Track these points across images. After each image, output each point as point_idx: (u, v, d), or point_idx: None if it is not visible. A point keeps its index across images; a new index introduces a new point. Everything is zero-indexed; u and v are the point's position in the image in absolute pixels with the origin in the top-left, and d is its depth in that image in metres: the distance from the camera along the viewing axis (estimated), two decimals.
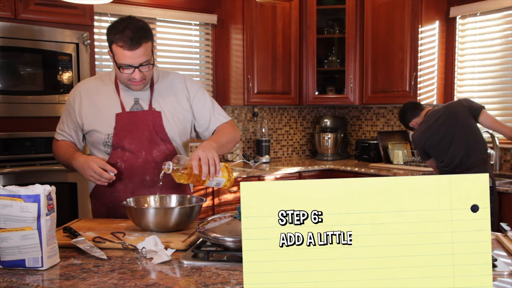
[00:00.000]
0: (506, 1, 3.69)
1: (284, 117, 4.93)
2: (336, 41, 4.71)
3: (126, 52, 1.85)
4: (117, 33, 1.85)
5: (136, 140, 1.99)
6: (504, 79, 3.83)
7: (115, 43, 1.85)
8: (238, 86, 4.31)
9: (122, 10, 3.84)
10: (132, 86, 1.97)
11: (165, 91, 2.09)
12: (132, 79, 1.92)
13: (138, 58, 1.87)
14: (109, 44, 1.90)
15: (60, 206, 1.52)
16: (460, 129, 3.10)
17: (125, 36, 1.83)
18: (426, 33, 3.98)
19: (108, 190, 2.03)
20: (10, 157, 2.92)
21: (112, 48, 1.89)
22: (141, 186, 2.02)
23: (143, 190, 2.02)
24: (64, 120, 2.11)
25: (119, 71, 1.91)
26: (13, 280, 1.28)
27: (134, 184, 2.02)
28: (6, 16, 2.90)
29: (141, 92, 2.04)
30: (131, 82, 1.95)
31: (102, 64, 3.88)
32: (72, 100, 2.08)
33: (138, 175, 2.01)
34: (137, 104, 2.03)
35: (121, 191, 2.02)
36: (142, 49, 1.86)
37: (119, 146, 1.99)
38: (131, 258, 1.45)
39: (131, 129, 1.99)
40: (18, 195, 1.33)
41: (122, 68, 1.90)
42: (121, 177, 2.01)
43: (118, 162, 2.00)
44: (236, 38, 4.31)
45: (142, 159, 2.00)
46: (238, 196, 3.85)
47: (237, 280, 1.25)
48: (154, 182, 2.02)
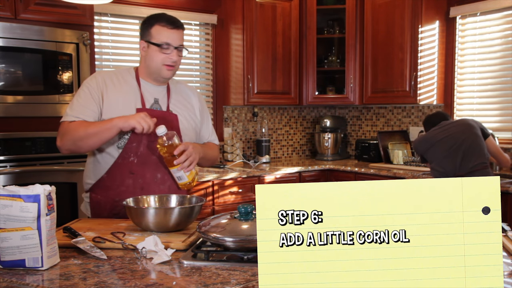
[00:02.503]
0: (506, 1, 3.69)
1: (284, 117, 4.93)
2: (336, 41, 4.71)
3: (169, 30, 2.00)
4: (158, 17, 2.03)
5: (153, 137, 2.00)
6: (504, 79, 3.83)
7: (157, 24, 2.00)
8: (238, 86, 4.31)
9: (122, 10, 3.84)
10: (164, 71, 2.04)
11: (180, 97, 2.18)
12: (168, 61, 2.02)
13: (178, 39, 2.03)
14: (147, 29, 2.01)
15: (60, 206, 1.52)
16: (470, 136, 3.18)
17: (168, 17, 2.03)
18: (426, 33, 3.98)
19: (115, 183, 2.01)
20: (10, 157, 2.92)
21: (151, 31, 2.01)
22: (152, 182, 2.03)
23: (153, 187, 2.03)
24: (83, 103, 2.00)
25: (157, 52, 2.00)
26: (13, 280, 1.28)
27: (145, 180, 2.02)
28: (6, 16, 2.90)
29: (160, 93, 2.10)
30: (165, 66, 2.03)
31: (102, 64, 3.87)
32: (96, 85, 2.02)
33: (151, 172, 2.02)
34: (156, 104, 2.09)
35: (130, 186, 2.01)
36: (181, 33, 2.05)
37: (135, 140, 2.00)
38: (131, 258, 1.45)
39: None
40: (18, 195, 1.33)
41: (162, 48, 2.00)
42: (132, 172, 2.01)
43: (131, 156, 2.00)
44: (236, 38, 4.31)
45: (156, 156, 2.02)
46: (238, 196, 3.85)
47: (237, 280, 1.25)
48: (165, 181, 2.05)
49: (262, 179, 3.98)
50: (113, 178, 2.02)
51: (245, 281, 1.24)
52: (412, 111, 4.45)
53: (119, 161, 2.02)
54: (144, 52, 2.06)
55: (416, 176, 3.59)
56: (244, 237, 1.41)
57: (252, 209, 1.50)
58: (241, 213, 1.50)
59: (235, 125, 4.61)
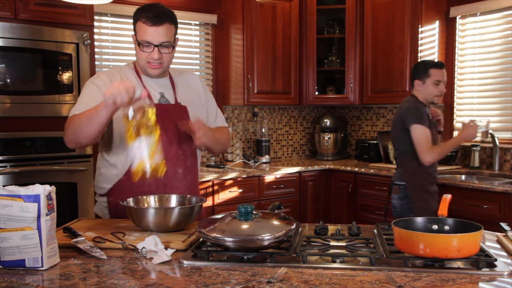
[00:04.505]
0: (506, 1, 3.69)
1: (284, 117, 4.93)
2: (336, 41, 4.71)
3: (148, 28, 1.90)
4: (143, 11, 1.93)
5: (168, 132, 1.97)
6: (504, 79, 3.82)
7: (140, 20, 1.92)
8: (238, 86, 4.31)
9: (122, 10, 3.84)
10: (149, 69, 1.98)
11: (185, 87, 2.13)
12: (150, 59, 1.94)
13: (159, 36, 1.90)
14: (134, 24, 1.94)
15: (60, 206, 1.52)
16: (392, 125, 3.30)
17: (150, 13, 1.90)
18: (426, 33, 3.98)
19: (136, 184, 1.93)
20: (10, 157, 2.92)
21: (136, 27, 1.94)
22: (173, 179, 2.00)
23: (176, 183, 2.00)
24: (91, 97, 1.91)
25: (139, 50, 1.93)
26: (13, 280, 1.28)
27: (167, 177, 1.96)
28: (6, 16, 2.90)
29: (164, 86, 2.05)
30: (149, 65, 1.96)
31: (102, 64, 3.87)
32: (103, 83, 1.95)
33: (172, 168, 1.98)
34: (163, 98, 2.04)
35: (152, 185, 1.96)
36: (164, 28, 1.91)
37: None
38: (131, 258, 1.45)
39: (163, 121, 1.94)
40: (18, 195, 1.33)
41: (142, 46, 1.92)
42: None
43: None
44: (236, 38, 4.31)
45: (174, 152, 1.99)
46: (238, 196, 3.85)
47: (237, 280, 1.25)
48: (186, 175, 2.03)
49: (262, 179, 3.98)
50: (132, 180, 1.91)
51: (245, 281, 1.24)
52: None
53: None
54: (135, 46, 2.00)
55: None
56: (244, 237, 1.41)
57: (252, 209, 1.50)
58: (241, 213, 1.50)
59: (235, 125, 4.61)
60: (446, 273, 1.31)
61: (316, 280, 1.25)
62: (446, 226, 1.50)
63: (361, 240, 1.60)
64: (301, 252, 1.42)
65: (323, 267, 1.36)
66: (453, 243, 1.33)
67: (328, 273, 1.32)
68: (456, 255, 1.33)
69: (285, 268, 1.32)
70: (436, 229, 1.50)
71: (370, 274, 1.30)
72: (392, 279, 1.25)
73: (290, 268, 1.34)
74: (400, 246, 1.41)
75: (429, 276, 1.29)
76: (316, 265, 1.37)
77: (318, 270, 1.34)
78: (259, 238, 1.39)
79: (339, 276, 1.29)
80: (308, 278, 1.27)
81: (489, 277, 1.30)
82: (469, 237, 1.34)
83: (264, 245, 1.40)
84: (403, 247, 1.39)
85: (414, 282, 1.24)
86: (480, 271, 1.32)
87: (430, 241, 1.34)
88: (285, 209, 3.99)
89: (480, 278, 1.29)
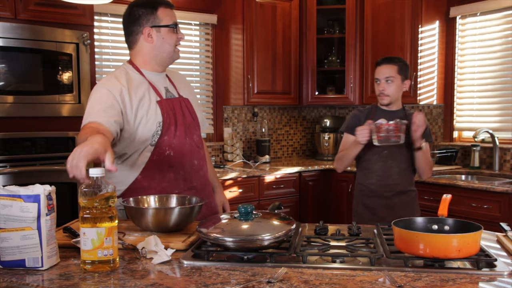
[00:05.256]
0: (506, 1, 3.69)
1: (284, 117, 4.92)
2: (336, 41, 4.71)
3: (172, 11, 2.01)
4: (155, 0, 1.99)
5: (180, 126, 1.99)
6: (504, 79, 3.82)
7: (161, 6, 1.98)
8: (238, 86, 4.31)
9: (122, 10, 3.77)
10: (177, 53, 2.05)
11: (180, 80, 2.18)
12: (179, 40, 2.03)
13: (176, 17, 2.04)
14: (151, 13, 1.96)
15: (60, 206, 1.51)
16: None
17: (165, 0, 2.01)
18: (426, 33, 3.98)
19: (154, 181, 1.93)
20: (10, 157, 2.92)
21: (158, 15, 1.97)
22: (191, 171, 2.03)
23: (193, 175, 2.03)
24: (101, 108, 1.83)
25: (171, 34, 1.99)
26: (13, 280, 1.28)
27: (185, 170, 2.00)
28: (6, 16, 2.90)
29: (164, 81, 2.08)
30: (176, 48, 2.03)
31: (102, 64, 3.87)
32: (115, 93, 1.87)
33: (188, 160, 2.01)
34: (168, 92, 2.06)
35: (172, 179, 1.96)
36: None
37: (167, 133, 1.95)
38: (131, 258, 1.45)
39: (174, 115, 1.99)
40: (18, 195, 1.33)
41: (175, 29, 1.99)
42: (171, 165, 1.96)
43: (166, 150, 1.95)
44: (236, 38, 4.31)
45: (188, 144, 2.02)
46: (238, 196, 3.85)
47: (237, 280, 1.25)
48: (201, 166, 2.07)
49: (262, 179, 3.98)
50: (150, 177, 1.94)
51: (245, 281, 1.24)
52: (412, 111, 4.44)
53: (153, 158, 1.94)
54: (151, 39, 1.96)
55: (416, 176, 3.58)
56: (244, 237, 1.41)
57: (252, 209, 1.50)
58: (241, 213, 1.50)
59: (235, 125, 4.61)
60: (446, 273, 1.31)
61: (316, 280, 1.25)
62: (446, 226, 1.50)
63: (361, 240, 1.60)
64: (301, 252, 1.42)
65: (323, 267, 1.36)
66: (453, 243, 1.33)
67: (328, 273, 1.32)
68: (456, 255, 1.33)
69: (285, 268, 1.32)
70: (436, 229, 1.50)
71: (370, 274, 1.30)
72: (392, 279, 1.25)
73: (290, 268, 1.34)
74: (400, 246, 1.41)
75: (429, 276, 1.29)
76: (316, 265, 1.37)
77: (318, 270, 1.34)
78: (259, 238, 1.39)
79: (339, 276, 1.29)
80: (308, 278, 1.27)
81: (489, 277, 1.30)
82: (469, 237, 1.34)
83: (264, 245, 1.40)
84: (403, 247, 1.39)
85: (414, 282, 1.24)
86: (480, 271, 1.32)
87: (430, 241, 1.34)
88: (285, 209, 3.99)
89: (480, 278, 1.29)
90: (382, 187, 2.68)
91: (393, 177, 2.68)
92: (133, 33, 2.00)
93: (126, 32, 2.04)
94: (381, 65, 2.72)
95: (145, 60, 2.02)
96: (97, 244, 1.31)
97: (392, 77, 2.66)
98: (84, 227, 1.32)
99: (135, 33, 1.99)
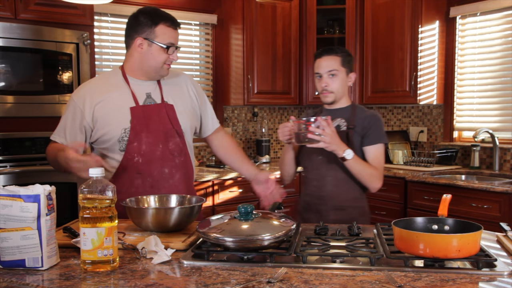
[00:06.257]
0: (506, 1, 3.69)
1: (284, 117, 4.92)
2: (336, 41, 4.70)
3: (174, 31, 2.02)
4: (161, 14, 1.99)
5: (153, 133, 2.00)
6: (504, 79, 3.82)
7: (163, 23, 1.97)
8: (238, 86, 4.31)
9: (122, 10, 3.83)
10: (165, 70, 2.05)
11: (173, 85, 2.15)
12: (171, 61, 2.03)
13: (178, 39, 2.04)
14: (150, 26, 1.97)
15: (60, 206, 1.51)
16: None
17: (170, 16, 2.01)
18: (426, 33, 3.98)
19: (124, 187, 1.98)
20: (10, 157, 2.92)
21: (155, 30, 1.97)
22: (160, 179, 2.02)
23: (163, 183, 2.02)
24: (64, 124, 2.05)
25: (161, 52, 1.98)
26: (13, 280, 1.28)
27: (153, 177, 2.01)
28: (6, 16, 2.90)
29: (150, 86, 2.08)
30: (167, 65, 2.03)
31: (102, 64, 3.87)
32: (78, 102, 2.02)
33: (158, 168, 2.01)
34: (149, 98, 2.06)
35: (139, 186, 2.00)
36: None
37: (136, 140, 1.98)
38: (131, 258, 1.45)
39: (147, 122, 2.00)
40: (18, 195, 1.33)
41: (168, 49, 1.99)
42: (139, 172, 1.99)
43: (135, 156, 1.99)
44: (236, 38, 4.31)
45: (160, 151, 2.01)
46: (238, 196, 3.85)
47: (237, 280, 1.25)
48: (172, 174, 2.05)
49: None
50: (120, 182, 1.98)
51: (245, 281, 1.24)
52: (412, 111, 4.45)
53: (123, 164, 2.00)
54: (141, 49, 2.00)
55: (416, 176, 3.59)
56: (244, 237, 1.41)
57: (252, 209, 1.50)
58: (241, 213, 1.50)
59: (235, 125, 4.61)
60: (446, 273, 1.31)
61: (316, 280, 1.25)
62: (446, 226, 1.50)
63: (361, 240, 1.60)
64: (301, 252, 1.42)
65: (323, 267, 1.36)
66: (453, 243, 1.33)
67: (328, 273, 1.32)
68: (456, 255, 1.33)
69: (285, 268, 1.32)
70: (436, 229, 1.50)
71: (370, 274, 1.30)
72: (392, 279, 1.25)
73: (290, 268, 1.34)
74: (400, 246, 1.41)
75: (429, 276, 1.29)
76: (316, 265, 1.37)
77: (318, 270, 1.34)
78: (259, 238, 1.39)
79: (339, 276, 1.29)
80: (308, 278, 1.27)
81: (489, 277, 1.30)
82: (469, 237, 1.34)
83: (264, 245, 1.40)
84: (403, 247, 1.39)
85: (414, 282, 1.24)
86: (480, 271, 1.32)
87: (430, 241, 1.34)
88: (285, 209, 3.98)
89: (480, 278, 1.29)
90: (316, 199, 2.29)
91: (327, 187, 2.25)
92: (129, 36, 2.04)
93: (125, 33, 2.07)
94: (322, 57, 2.29)
95: (132, 66, 2.06)
96: (97, 244, 1.32)
97: (335, 70, 2.25)
98: (84, 227, 1.32)
99: (131, 37, 2.03)
